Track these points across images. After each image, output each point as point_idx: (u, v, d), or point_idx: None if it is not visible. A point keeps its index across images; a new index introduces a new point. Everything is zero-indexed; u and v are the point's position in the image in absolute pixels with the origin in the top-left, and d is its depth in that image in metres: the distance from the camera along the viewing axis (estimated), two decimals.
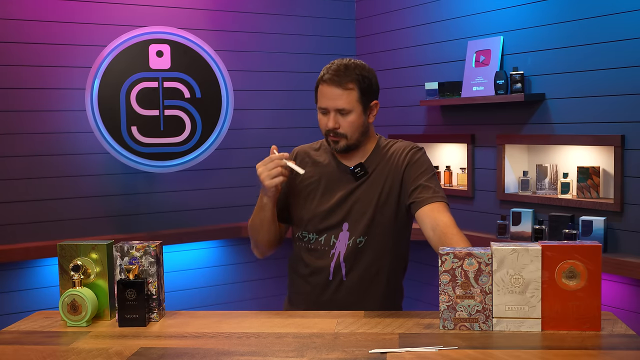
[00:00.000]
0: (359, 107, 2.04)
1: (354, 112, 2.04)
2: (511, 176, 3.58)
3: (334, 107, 2.03)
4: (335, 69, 2.04)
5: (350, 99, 2.02)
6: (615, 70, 3.06)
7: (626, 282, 3.09)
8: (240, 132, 4.16)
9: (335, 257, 2.07)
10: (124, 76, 3.69)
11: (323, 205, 2.10)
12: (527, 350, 1.57)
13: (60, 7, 3.66)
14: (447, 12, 3.88)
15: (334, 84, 2.02)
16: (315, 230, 2.11)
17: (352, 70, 2.03)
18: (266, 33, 4.25)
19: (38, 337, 1.77)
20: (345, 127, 2.04)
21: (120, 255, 1.86)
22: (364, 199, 2.07)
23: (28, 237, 3.63)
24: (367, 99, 2.07)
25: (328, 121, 2.04)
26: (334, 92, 2.02)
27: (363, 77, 2.04)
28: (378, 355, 1.56)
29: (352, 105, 2.03)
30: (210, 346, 1.66)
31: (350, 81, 2.02)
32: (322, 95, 2.05)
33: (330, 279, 2.08)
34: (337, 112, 2.03)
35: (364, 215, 2.06)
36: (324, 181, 2.13)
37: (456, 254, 1.72)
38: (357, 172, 2.09)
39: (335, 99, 2.02)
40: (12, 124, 3.58)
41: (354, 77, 2.03)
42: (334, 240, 2.08)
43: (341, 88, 2.01)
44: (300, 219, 2.15)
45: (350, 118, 2.03)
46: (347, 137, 2.05)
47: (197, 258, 4.16)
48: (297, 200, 2.17)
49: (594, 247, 1.69)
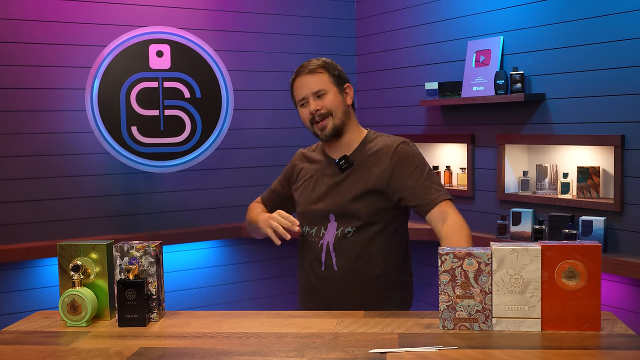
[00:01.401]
0: (334, 87, 2.16)
1: (331, 92, 2.15)
2: (511, 176, 3.58)
3: (310, 92, 2.15)
4: (301, 65, 2.21)
5: (323, 80, 2.15)
6: (615, 70, 3.06)
7: (626, 282, 3.09)
8: (240, 132, 4.16)
9: (325, 248, 2.14)
10: (124, 76, 3.69)
11: (311, 198, 2.20)
12: (526, 350, 1.57)
13: (60, 7, 3.66)
14: (447, 12, 3.88)
15: (305, 74, 2.17)
16: (308, 223, 2.20)
17: (317, 60, 2.19)
18: (266, 33, 4.25)
19: (38, 337, 1.77)
20: (326, 105, 2.14)
21: (120, 255, 1.86)
22: (350, 190, 2.13)
23: (28, 237, 3.63)
24: (338, 81, 2.18)
25: (309, 107, 2.15)
26: (306, 80, 2.16)
27: (328, 64, 2.19)
28: (378, 355, 1.56)
29: (326, 85, 2.15)
30: (210, 346, 1.66)
31: (318, 67, 2.17)
32: (297, 89, 2.20)
33: (323, 269, 2.15)
34: (314, 95, 2.15)
35: (349, 206, 2.12)
36: (315, 176, 2.23)
37: (456, 254, 1.72)
38: (342, 164, 2.16)
39: (310, 85, 2.15)
40: (12, 124, 3.58)
41: (320, 64, 2.18)
42: (323, 232, 2.15)
43: (312, 74, 2.16)
44: (297, 215, 2.26)
45: (329, 96, 2.15)
46: (333, 115, 2.14)
47: (197, 258, 4.16)
48: (296, 197, 2.29)
49: (594, 247, 1.69)
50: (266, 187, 4.47)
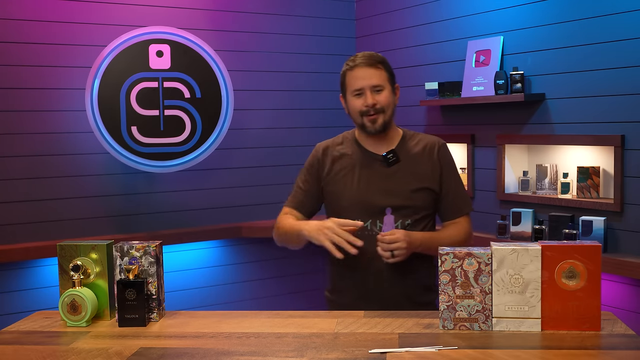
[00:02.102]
0: (389, 85, 2.19)
1: (387, 89, 2.18)
2: (511, 176, 3.58)
3: (369, 85, 2.16)
4: (362, 55, 2.19)
5: (382, 77, 2.17)
6: (615, 70, 3.06)
7: (626, 282, 3.09)
8: (240, 132, 4.16)
9: None
10: (124, 76, 3.69)
11: (363, 192, 2.19)
12: (526, 350, 1.57)
13: (60, 7, 3.66)
14: (447, 12, 3.88)
15: (366, 65, 2.16)
16: (360, 216, 2.17)
17: (376, 55, 2.21)
18: (266, 33, 4.25)
19: (38, 337, 1.77)
20: (382, 102, 2.16)
21: (120, 255, 1.86)
22: (406, 184, 2.18)
23: (28, 237, 3.63)
24: (392, 80, 2.22)
25: (365, 100, 2.16)
26: (367, 72, 2.16)
27: (385, 61, 2.22)
28: (378, 355, 1.56)
29: (384, 82, 2.18)
30: (210, 346, 1.66)
31: (379, 62, 2.18)
32: (355, 78, 2.17)
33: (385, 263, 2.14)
34: (372, 89, 2.16)
35: (408, 199, 2.17)
36: (358, 170, 2.22)
37: (456, 254, 1.72)
38: (390, 158, 2.19)
39: (370, 78, 2.16)
40: (12, 124, 3.58)
41: (380, 60, 2.20)
42: (380, 224, 2.16)
43: (373, 68, 2.17)
44: (340, 209, 2.22)
45: (385, 94, 2.18)
46: (384, 112, 2.17)
47: (197, 258, 4.16)
48: (334, 191, 2.25)
49: (594, 247, 1.69)
50: (266, 186, 4.47)
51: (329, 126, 4.32)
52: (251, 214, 4.25)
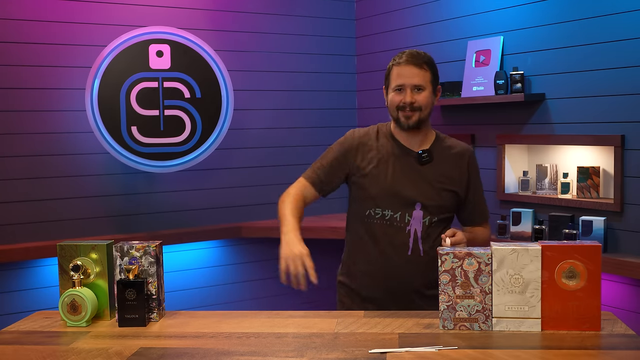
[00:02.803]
0: (430, 86, 2.26)
1: (427, 90, 2.25)
2: (511, 176, 3.58)
3: (411, 84, 2.22)
4: (409, 53, 2.26)
5: (425, 78, 2.24)
6: (615, 70, 3.06)
7: (626, 282, 3.09)
8: (240, 132, 4.16)
9: (412, 234, 2.23)
10: (124, 76, 3.69)
11: (395, 184, 2.25)
12: (527, 350, 1.57)
13: (60, 7, 3.66)
14: (447, 12, 3.88)
15: (412, 64, 2.23)
16: (390, 207, 2.25)
17: (424, 55, 2.28)
18: (266, 33, 4.25)
19: (38, 337, 1.77)
20: (420, 101, 2.23)
21: (120, 255, 1.86)
22: (437, 183, 2.26)
23: (28, 237, 3.63)
24: (435, 81, 2.29)
25: (404, 97, 2.23)
26: (411, 71, 2.23)
27: (433, 62, 2.29)
28: (378, 355, 1.56)
29: (426, 83, 2.24)
30: (210, 346, 1.66)
31: (425, 62, 2.25)
32: (399, 74, 2.24)
33: (409, 254, 2.23)
34: (413, 88, 2.22)
35: (438, 198, 2.25)
36: (392, 162, 2.28)
37: (456, 254, 1.72)
38: (424, 157, 2.26)
39: (413, 77, 2.22)
40: (12, 124, 3.58)
41: (427, 60, 2.27)
42: (408, 218, 2.23)
43: (418, 67, 2.23)
44: (371, 197, 2.27)
45: (425, 94, 2.24)
46: (421, 111, 2.23)
47: (197, 258, 4.16)
48: (367, 180, 2.29)
49: (594, 247, 1.69)
50: (266, 186, 4.47)
51: (328, 126, 4.32)
52: (251, 214, 4.24)
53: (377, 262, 2.26)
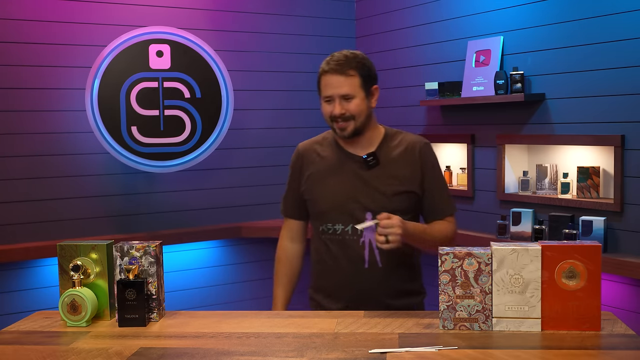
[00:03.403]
0: (362, 92, 2.13)
1: (357, 97, 2.13)
2: (511, 176, 3.58)
3: (338, 94, 2.11)
4: (336, 59, 2.13)
5: (353, 85, 2.11)
6: (615, 70, 3.06)
7: (626, 282, 3.09)
8: (240, 132, 4.16)
9: (367, 245, 2.14)
10: (124, 76, 3.69)
11: (341, 196, 2.16)
12: (527, 350, 1.57)
13: (60, 7, 3.66)
14: (447, 12, 3.88)
15: (337, 73, 2.11)
16: (339, 220, 2.16)
17: (352, 59, 2.13)
18: (266, 33, 4.25)
19: (38, 337, 1.77)
20: (351, 110, 2.12)
21: (120, 255, 1.86)
22: (386, 188, 2.15)
23: (28, 237, 3.63)
24: (368, 84, 2.15)
25: (333, 109, 2.12)
26: (337, 80, 2.11)
27: (362, 64, 2.14)
28: (378, 355, 1.56)
29: (355, 90, 2.12)
30: (210, 346, 1.66)
31: (352, 68, 2.11)
32: (325, 85, 2.13)
33: (367, 267, 2.14)
34: (341, 98, 2.11)
35: (389, 204, 2.13)
36: (335, 172, 2.19)
37: (456, 254, 1.72)
38: (370, 160, 2.15)
39: (340, 86, 2.11)
40: (12, 124, 3.58)
41: (355, 65, 2.12)
42: (361, 230, 2.14)
43: (344, 76, 2.10)
44: (320, 213, 2.21)
45: (355, 102, 2.12)
46: (355, 119, 2.13)
47: (197, 258, 4.16)
48: (312, 195, 2.23)
49: (594, 247, 1.69)
50: (266, 186, 4.48)
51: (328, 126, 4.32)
52: (251, 214, 4.24)
53: (337, 278, 2.18)
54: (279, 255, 2.34)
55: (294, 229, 2.33)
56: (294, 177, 2.30)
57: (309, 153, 2.28)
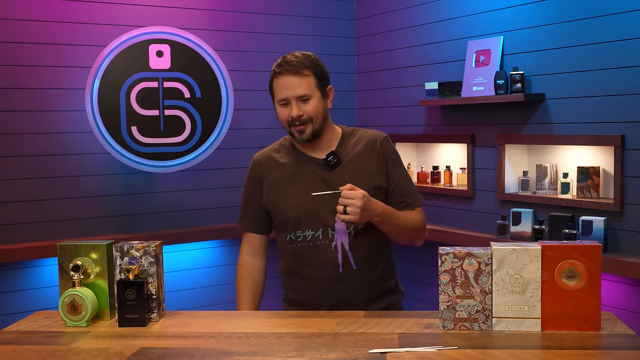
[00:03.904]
0: (318, 92, 2.08)
1: (314, 97, 2.07)
2: (511, 176, 3.58)
3: (294, 96, 2.05)
4: (287, 61, 2.07)
5: (309, 85, 2.06)
6: (615, 70, 3.06)
7: (626, 282, 3.09)
8: (240, 132, 4.16)
9: (340, 249, 2.08)
10: (124, 76, 3.69)
11: (307, 201, 2.09)
12: (526, 350, 1.57)
13: (60, 7, 3.66)
14: (447, 12, 3.88)
15: (291, 73, 2.04)
16: (309, 226, 2.10)
17: (304, 58, 2.07)
18: (266, 33, 4.25)
19: (38, 337, 1.77)
20: (309, 112, 2.06)
21: (120, 255, 1.86)
22: None
23: (28, 237, 3.63)
24: (322, 84, 2.10)
25: (291, 111, 2.06)
26: (291, 81, 2.04)
27: (315, 64, 2.08)
28: (378, 355, 1.56)
29: (311, 90, 2.06)
30: (210, 346, 1.66)
31: (305, 68, 2.06)
32: (280, 87, 2.07)
33: (341, 271, 2.08)
34: (298, 99, 2.05)
35: None
36: (298, 178, 2.12)
37: (456, 254, 1.72)
38: (331, 160, 2.10)
39: (295, 87, 2.04)
40: (11, 124, 3.58)
41: (307, 65, 2.06)
42: (332, 233, 2.08)
43: (297, 76, 2.04)
44: (286, 221, 2.13)
45: (312, 103, 2.06)
46: (313, 121, 2.07)
47: (197, 258, 4.16)
48: (276, 205, 2.15)
49: (594, 247, 1.69)
50: None
51: None
52: None
53: (312, 288, 2.11)
54: (240, 272, 2.23)
55: (255, 244, 2.24)
56: (252, 189, 2.21)
57: (267, 162, 2.19)
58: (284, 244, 2.17)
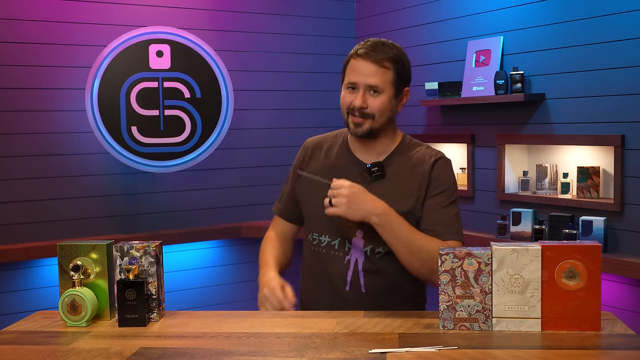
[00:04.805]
0: (391, 89, 1.89)
1: (385, 94, 1.87)
2: (511, 176, 3.58)
3: (365, 83, 1.85)
4: (372, 44, 1.87)
5: (385, 78, 1.86)
6: (615, 70, 3.06)
7: (626, 282, 3.09)
8: (240, 132, 4.16)
9: (352, 266, 1.94)
10: (124, 76, 3.69)
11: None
12: (526, 350, 1.57)
13: (60, 7, 3.66)
14: (447, 12, 3.88)
15: (370, 59, 1.85)
16: (328, 231, 1.95)
17: (390, 49, 1.88)
18: (266, 33, 4.25)
19: (38, 337, 1.77)
20: (373, 107, 1.86)
21: (120, 255, 1.86)
22: None
23: (28, 237, 3.63)
24: (400, 82, 1.91)
25: (355, 98, 1.86)
26: (368, 68, 1.85)
27: (400, 58, 1.90)
28: (378, 355, 1.56)
29: (385, 85, 1.86)
30: (210, 346, 1.66)
31: (387, 59, 1.86)
32: (353, 69, 1.87)
33: (348, 289, 1.94)
34: (367, 89, 1.86)
35: None
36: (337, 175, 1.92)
37: (456, 254, 1.72)
38: (374, 171, 1.92)
39: (369, 75, 1.85)
40: (12, 124, 3.58)
41: (391, 56, 1.87)
42: (349, 246, 1.93)
43: (377, 64, 1.85)
44: (308, 219, 2.01)
45: (381, 98, 1.86)
46: (374, 119, 1.87)
47: (197, 258, 4.16)
48: (306, 198, 2.01)
49: (594, 247, 1.69)
50: (266, 186, 4.47)
51: (328, 126, 4.30)
52: (251, 214, 4.25)
53: (317, 296, 2.00)
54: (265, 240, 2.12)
55: (282, 231, 2.11)
56: (293, 173, 2.08)
57: (315, 149, 2.03)
58: (305, 241, 2.07)
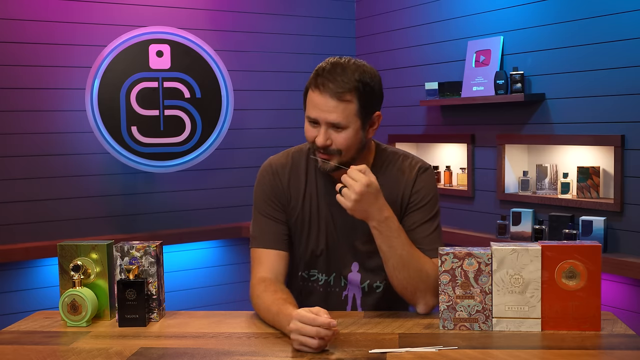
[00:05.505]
0: (357, 121, 1.68)
1: (351, 127, 1.67)
2: (511, 176, 3.58)
3: (326, 120, 1.65)
4: (330, 71, 1.65)
5: (347, 113, 1.65)
6: (615, 70, 3.06)
7: (626, 282, 3.09)
8: (240, 132, 4.16)
9: (350, 301, 1.87)
10: (124, 76, 3.69)
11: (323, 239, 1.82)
12: (526, 350, 1.57)
13: (60, 7, 3.66)
14: (447, 12, 3.88)
15: (328, 93, 1.63)
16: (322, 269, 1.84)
17: (351, 75, 1.65)
18: (266, 33, 4.25)
19: (38, 337, 1.77)
20: (338, 144, 1.68)
21: (120, 255, 1.86)
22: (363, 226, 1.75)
23: (28, 237, 3.63)
24: (367, 111, 1.70)
25: (318, 136, 1.67)
26: (327, 104, 1.64)
27: (364, 84, 1.66)
28: (378, 355, 1.56)
29: (348, 119, 1.65)
30: (210, 346, 1.66)
31: (348, 91, 1.64)
32: (312, 104, 1.66)
33: None
34: (329, 125, 1.67)
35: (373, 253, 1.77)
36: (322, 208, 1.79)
37: (456, 254, 1.72)
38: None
39: (329, 112, 1.64)
40: (12, 124, 3.58)
41: (353, 86, 1.64)
42: (345, 282, 1.85)
43: (336, 99, 1.63)
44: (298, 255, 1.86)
45: (346, 134, 1.67)
46: (341, 154, 1.70)
47: (197, 258, 4.16)
48: (295, 232, 1.84)
49: (594, 247, 1.69)
50: None
51: None
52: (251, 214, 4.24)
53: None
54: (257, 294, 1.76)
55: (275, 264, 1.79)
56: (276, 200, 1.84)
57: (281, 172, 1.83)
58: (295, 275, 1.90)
